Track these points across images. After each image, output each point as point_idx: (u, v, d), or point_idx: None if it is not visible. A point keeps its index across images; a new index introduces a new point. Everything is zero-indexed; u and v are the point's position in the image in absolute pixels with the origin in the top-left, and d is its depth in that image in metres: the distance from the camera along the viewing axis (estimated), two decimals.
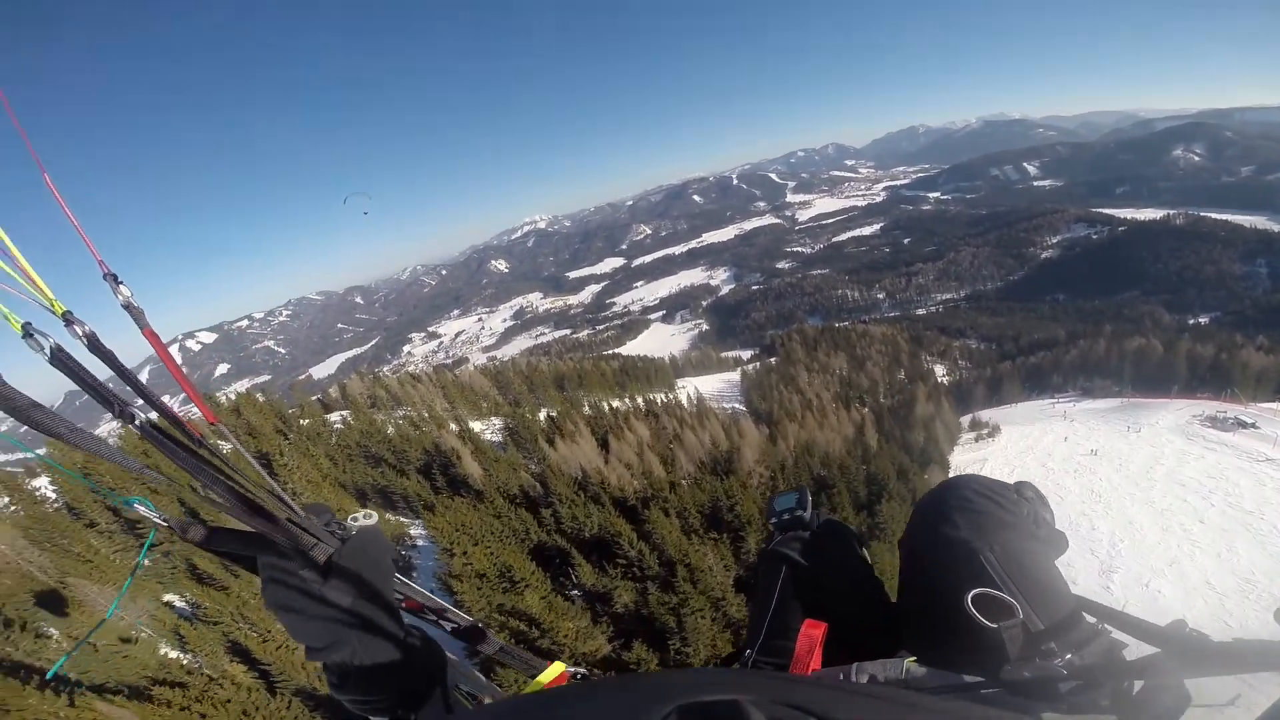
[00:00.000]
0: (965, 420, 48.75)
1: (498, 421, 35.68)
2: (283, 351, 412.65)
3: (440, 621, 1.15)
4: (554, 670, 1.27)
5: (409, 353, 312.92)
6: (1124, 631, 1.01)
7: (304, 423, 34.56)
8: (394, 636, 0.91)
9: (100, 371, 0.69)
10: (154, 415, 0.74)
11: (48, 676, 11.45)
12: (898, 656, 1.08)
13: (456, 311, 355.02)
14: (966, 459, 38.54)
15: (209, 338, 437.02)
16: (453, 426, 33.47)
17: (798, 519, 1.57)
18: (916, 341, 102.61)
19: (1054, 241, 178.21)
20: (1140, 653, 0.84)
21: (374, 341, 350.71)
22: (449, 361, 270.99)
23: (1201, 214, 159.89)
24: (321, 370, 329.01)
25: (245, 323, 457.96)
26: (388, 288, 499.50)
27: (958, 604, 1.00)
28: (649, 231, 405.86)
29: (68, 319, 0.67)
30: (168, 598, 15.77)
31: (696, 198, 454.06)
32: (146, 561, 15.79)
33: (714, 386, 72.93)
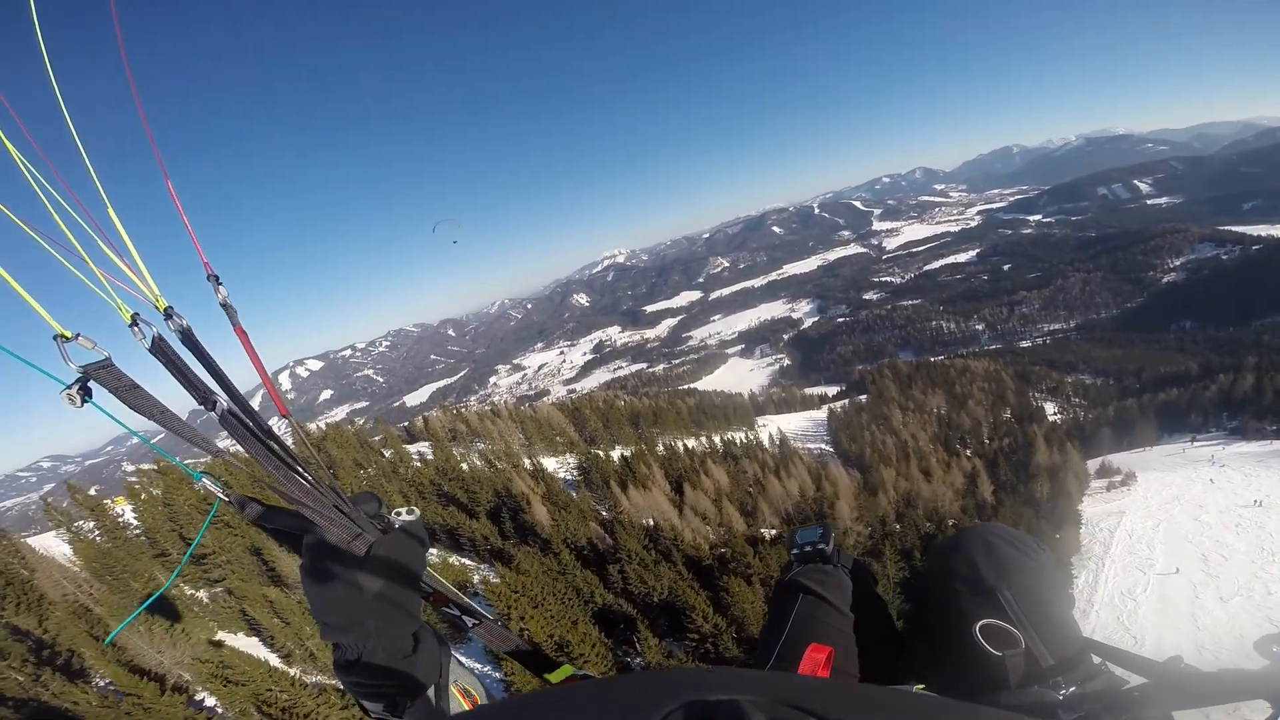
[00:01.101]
0: (1092, 466, 42.87)
1: (572, 460, 34.82)
2: (380, 380, 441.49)
3: (464, 617, 1.20)
4: (562, 673, 1.29)
5: (494, 383, 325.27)
6: (1124, 667, 1.07)
7: (386, 454, 35.29)
8: (409, 628, 0.96)
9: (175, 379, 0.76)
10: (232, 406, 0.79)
11: (105, 642, 12.48)
12: (906, 685, 1.12)
13: (540, 344, 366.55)
14: (1099, 511, 33.31)
15: (316, 365, 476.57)
16: (526, 463, 32.92)
17: (819, 552, 1.62)
18: (1023, 378, 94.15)
19: (1177, 264, 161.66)
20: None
21: (463, 372, 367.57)
22: (531, 393, 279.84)
23: None
24: (414, 398, 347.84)
25: (348, 352, 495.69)
26: (477, 320, 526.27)
27: (967, 633, 1.11)
28: (726, 264, 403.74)
29: (168, 313, 0.76)
30: (220, 635, 15.61)
31: (776, 228, 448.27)
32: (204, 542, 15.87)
33: (798, 426, 69.13)
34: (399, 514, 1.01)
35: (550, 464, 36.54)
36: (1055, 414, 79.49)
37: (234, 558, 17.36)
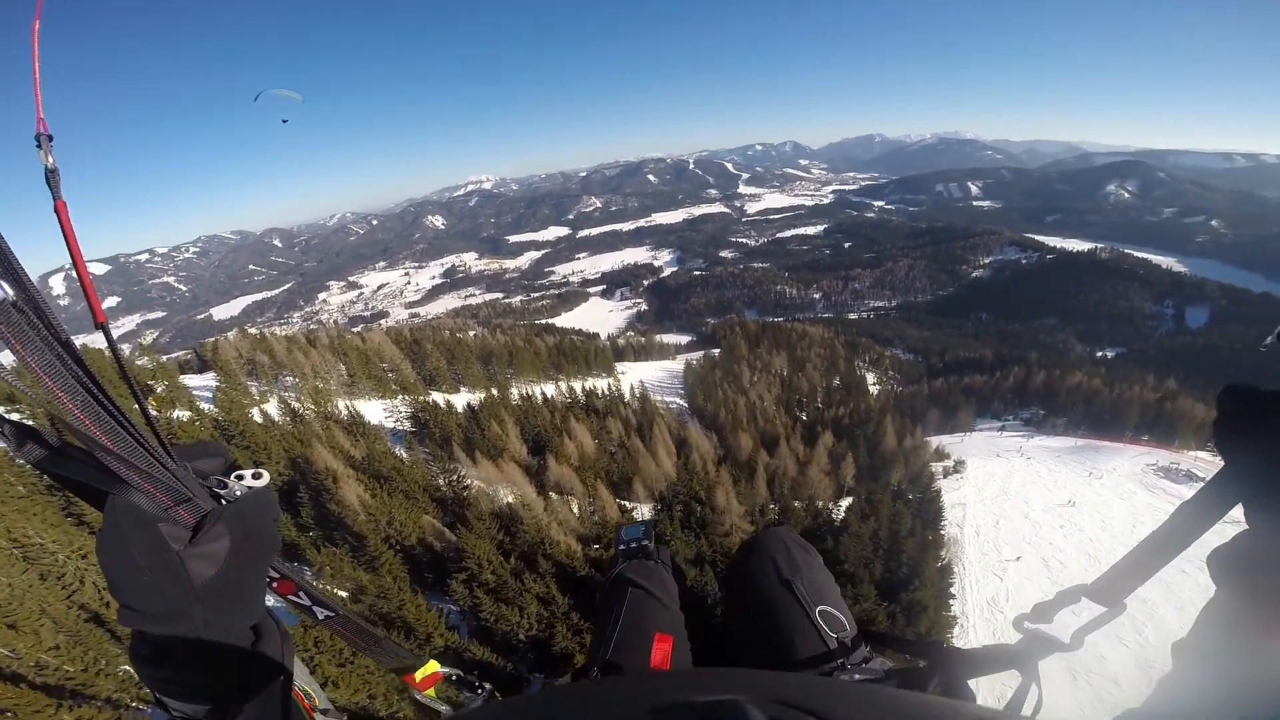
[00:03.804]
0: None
1: (405, 406, 29.57)
2: (183, 289, 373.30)
3: (314, 608, 1.05)
4: (429, 668, 1.28)
5: (324, 300, 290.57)
6: (897, 650, 1.41)
7: (156, 389, 26.97)
8: (250, 619, 0.77)
9: None
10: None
11: None
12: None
13: (383, 264, 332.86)
14: (945, 502, 34.95)
15: (101, 269, 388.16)
16: (343, 410, 27.04)
17: (643, 548, 1.81)
18: (851, 347, 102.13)
19: (986, 262, 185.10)
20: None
21: (287, 286, 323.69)
22: (367, 314, 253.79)
23: (1125, 250, 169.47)
24: (224, 311, 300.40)
25: (145, 256, 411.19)
26: (311, 233, 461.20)
27: (789, 616, 1.43)
28: (599, 205, 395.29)
29: None
30: None
31: (651, 177, 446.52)
32: None
33: (655, 376, 68.54)
34: (242, 477, 0.80)
35: (377, 410, 30.73)
36: (874, 384, 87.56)
37: None
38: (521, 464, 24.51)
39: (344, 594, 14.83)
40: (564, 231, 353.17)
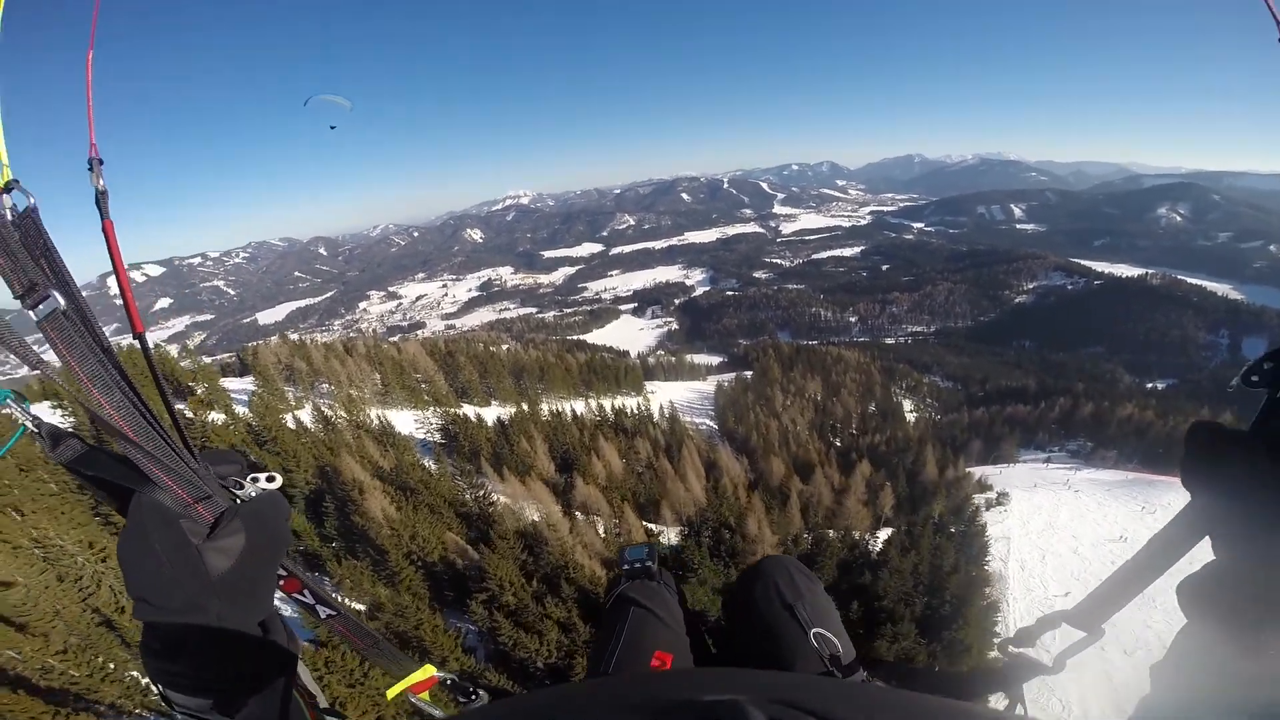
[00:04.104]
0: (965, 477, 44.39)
1: (436, 418, 29.57)
2: (232, 293, 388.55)
3: (317, 607, 1.09)
4: (424, 672, 1.31)
5: (364, 309, 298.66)
6: (900, 678, 1.73)
7: (197, 390, 27.63)
8: (259, 615, 0.82)
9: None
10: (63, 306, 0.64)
11: None
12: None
13: (422, 275, 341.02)
14: (989, 536, 33.06)
15: (155, 270, 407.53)
16: (374, 418, 27.17)
17: (646, 569, 1.85)
18: (887, 373, 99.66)
19: (1030, 287, 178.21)
20: None
21: (330, 294, 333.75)
22: (405, 324, 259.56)
23: (1177, 275, 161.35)
24: (269, 316, 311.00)
25: (198, 260, 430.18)
26: (355, 242, 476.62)
27: (792, 639, 1.48)
28: (632, 222, 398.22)
29: (10, 186, 0.64)
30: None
31: (685, 195, 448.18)
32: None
33: (685, 396, 67.80)
34: (256, 479, 0.86)
35: (408, 420, 30.82)
36: (911, 412, 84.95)
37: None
38: (549, 481, 24.10)
39: (361, 608, 14.55)
40: (597, 248, 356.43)
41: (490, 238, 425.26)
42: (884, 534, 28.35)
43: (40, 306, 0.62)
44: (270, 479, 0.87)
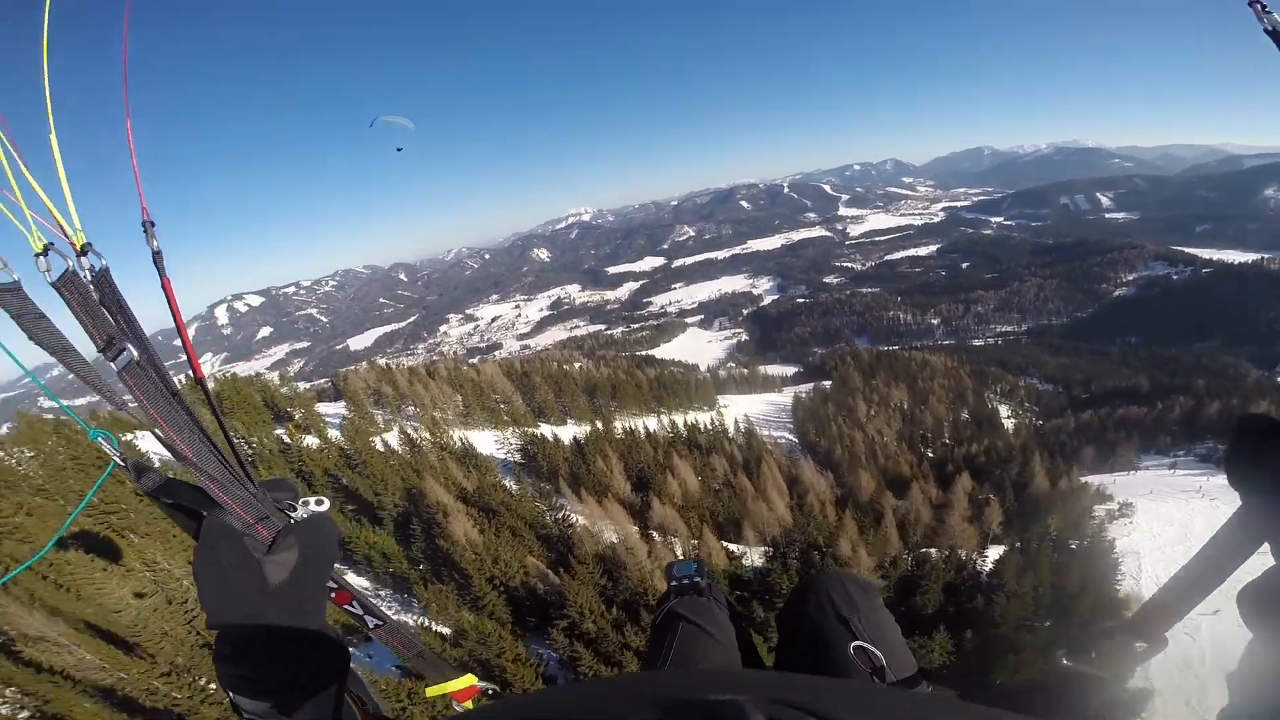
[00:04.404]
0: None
1: (515, 438, 30.04)
2: (324, 320, 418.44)
3: (365, 616, 1.17)
4: (464, 680, 1.34)
5: (445, 333, 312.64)
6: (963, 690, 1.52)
7: (295, 416, 29.41)
8: (313, 624, 0.91)
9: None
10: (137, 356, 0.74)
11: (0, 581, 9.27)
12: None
13: (495, 296, 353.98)
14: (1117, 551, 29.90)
15: (256, 300, 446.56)
16: (457, 440, 27.85)
17: (695, 585, 1.82)
18: (979, 377, 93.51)
19: (1129, 279, 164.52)
20: None
21: (413, 319, 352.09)
22: (483, 345, 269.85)
23: None
24: (359, 342, 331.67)
25: (292, 289, 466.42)
26: (432, 266, 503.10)
27: (843, 653, 1.43)
28: (692, 233, 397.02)
29: (85, 250, 0.74)
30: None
31: (744, 203, 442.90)
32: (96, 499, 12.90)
33: (760, 409, 66.00)
34: (307, 503, 0.96)
35: (489, 440, 31.47)
36: (1008, 418, 79.20)
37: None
38: (624, 501, 23.75)
39: (446, 632, 14.61)
40: (659, 261, 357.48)
41: (556, 256, 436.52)
42: (994, 553, 25.99)
43: (119, 358, 0.72)
44: (319, 502, 0.97)
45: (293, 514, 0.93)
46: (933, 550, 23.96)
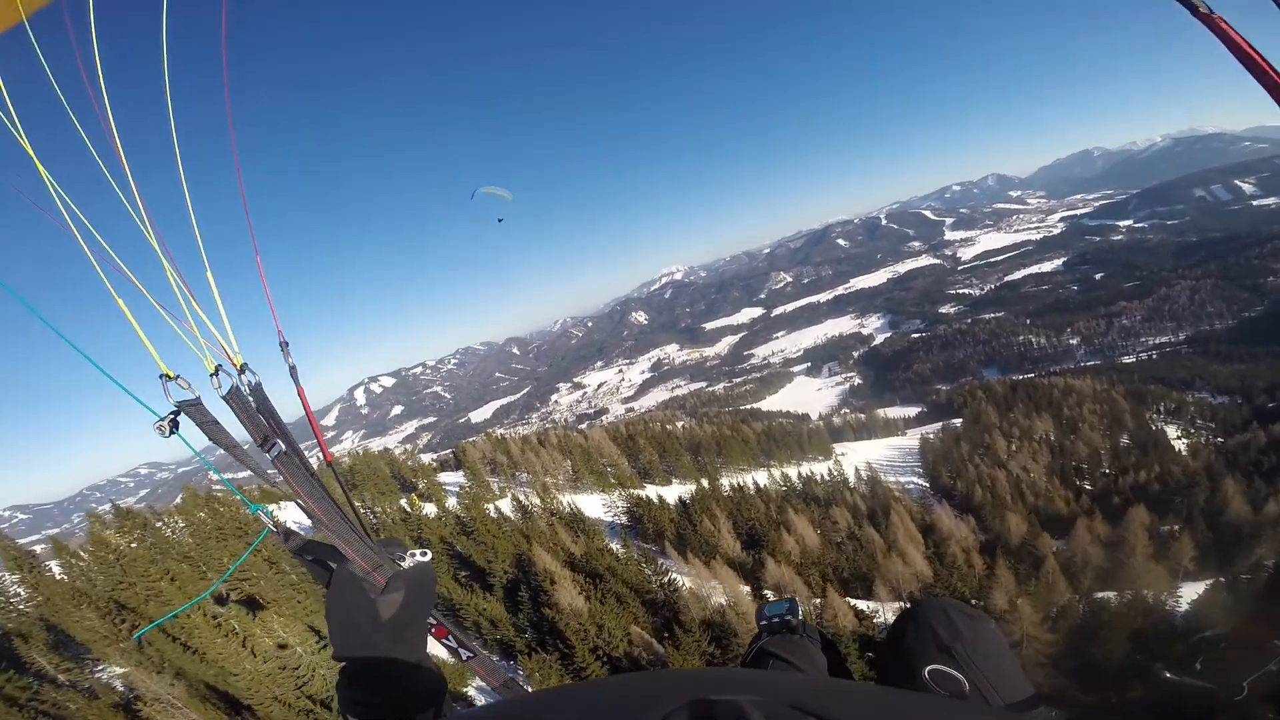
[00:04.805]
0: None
1: (622, 502, 29.92)
2: (448, 397, 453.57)
3: (460, 650, 1.34)
4: None
5: (555, 401, 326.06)
6: None
7: (420, 485, 31.55)
8: (415, 656, 1.10)
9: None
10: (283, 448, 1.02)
11: (135, 637, 12.23)
12: None
13: (599, 363, 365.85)
14: None
15: (389, 382, 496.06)
16: (565, 505, 28.17)
17: (786, 623, 1.78)
18: (1136, 397, 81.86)
19: None
20: None
21: (525, 390, 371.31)
22: (591, 411, 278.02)
23: None
24: (479, 415, 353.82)
25: (419, 369, 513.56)
26: (540, 339, 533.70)
27: (920, 676, 1.35)
28: (789, 279, 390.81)
29: (243, 369, 1.02)
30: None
31: (841, 241, 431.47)
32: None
33: (883, 455, 61.43)
34: (413, 554, 1.18)
35: (596, 504, 31.59)
36: (1178, 438, 68.19)
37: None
38: (734, 561, 22.46)
39: None
40: (757, 312, 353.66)
41: (653, 317, 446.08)
42: (1189, 591, 21.55)
43: (271, 450, 0.97)
44: (424, 554, 1.19)
45: (402, 563, 1.14)
46: (1111, 594, 20.11)
